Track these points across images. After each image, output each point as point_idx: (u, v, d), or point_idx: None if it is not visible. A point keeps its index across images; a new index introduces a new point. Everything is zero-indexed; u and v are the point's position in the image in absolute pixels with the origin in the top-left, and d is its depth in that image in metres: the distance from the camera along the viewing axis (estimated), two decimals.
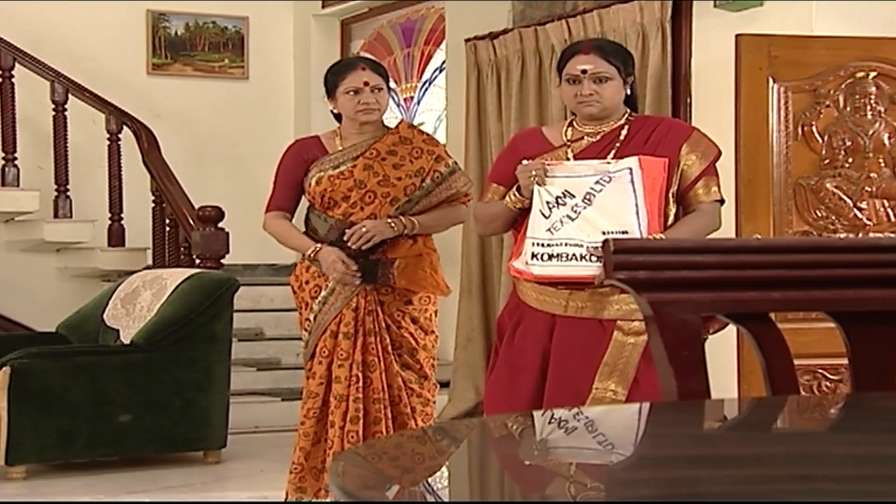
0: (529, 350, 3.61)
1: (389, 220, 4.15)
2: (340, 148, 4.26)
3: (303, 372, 4.34)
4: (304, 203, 4.36)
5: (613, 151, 3.61)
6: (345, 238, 4.13)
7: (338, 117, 4.32)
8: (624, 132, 3.65)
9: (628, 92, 3.69)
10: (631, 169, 3.51)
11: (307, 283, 4.22)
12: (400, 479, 1.40)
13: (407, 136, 4.29)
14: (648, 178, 3.51)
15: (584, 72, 3.63)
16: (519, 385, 3.60)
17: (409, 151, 4.24)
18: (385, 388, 4.18)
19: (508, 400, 3.61)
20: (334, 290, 4.17)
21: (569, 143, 3.68)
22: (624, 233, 3.47)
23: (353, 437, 4.11)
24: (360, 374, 4.16)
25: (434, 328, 4.32)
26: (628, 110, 3.72)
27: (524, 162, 3.62)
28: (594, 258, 3.45)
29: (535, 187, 3.56)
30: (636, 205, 3.49)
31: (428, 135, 4.45)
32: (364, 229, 4.11)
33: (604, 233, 3.46)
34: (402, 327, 4.22)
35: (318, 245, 4.17)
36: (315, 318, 4.20)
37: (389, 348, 4.20)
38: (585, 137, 3.68)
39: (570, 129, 3.72)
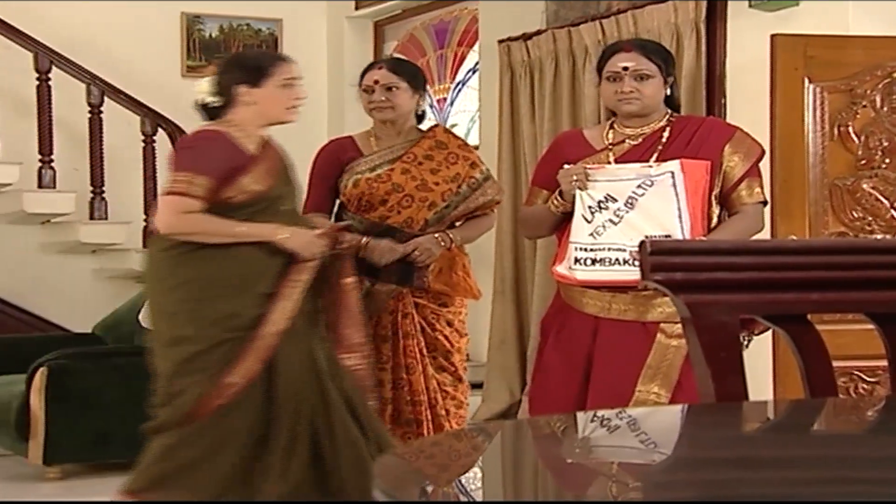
0: (573, 352, 3.61)
1: (437, 237, 4.16)
2: (376, 149, 4.26)
3: None
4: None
5: (655, 154, 3.60)
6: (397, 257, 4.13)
7: None
8: (665, 134, 3.64)
9: (668, 92, 3.68)
10: (673, 172, 3.50)
11: None
12: (437, 479, 1.40)
13: (443, 140, 4.29)
14: (691, 181, 3.50)
15: (625, 69, 3.63)
16: (563, 387, 3.60)
17: (445, 156, 4.24)
18: (424, 391, 4.19)
19: (552, 402, 3.62)
20: (369, 293, 4.17)
21: (610, 147, 3.67)
22: (667, 237, 3.45)
23: (409, 438, 4.12)
24: (406, 377, 4.17)
25: (466, 331, 4.33)
26: (669, 111, 3.71)
27: (566, 166, 3.62)
28: (636, 262, 3.44)
29: (577, 192, 3.56)
30: (679, 208, 3.48)
31: (463, 140, 4.45)
32: (417, 253, 4.11)
33: (646, 237, 3.44)
34: (436, 330, 4.22)
35: (364, 240, 4.17)
36: None
37: (424, 351, 4.21)
38: (627, 140, 3.67)
39: (611, 131, 3.71)
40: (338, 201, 4.31)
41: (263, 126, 3.91)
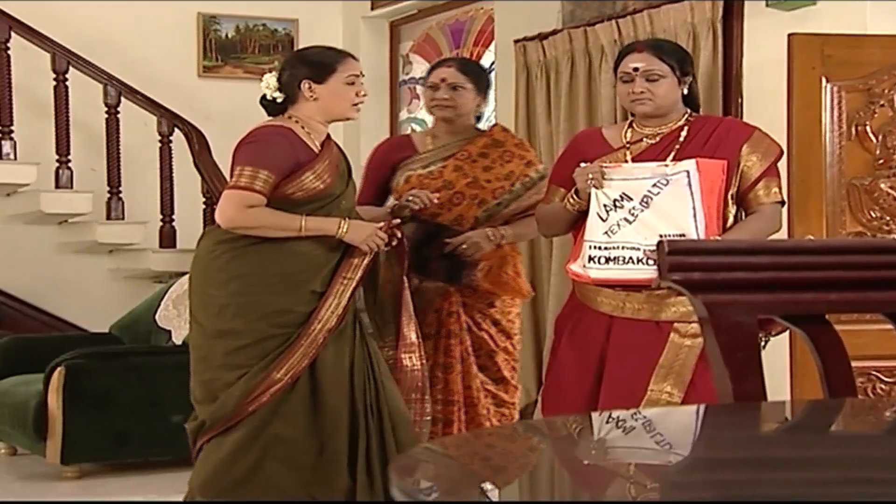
0: (586, 351, 3.61)
1: (488, 231, 4.15)
2: (431, 147, 4.28)
3: None
4: None
5: (672, 153, 3.59)
6: (445, 251, 4.13)
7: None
8: (683, 133, 3.63)
9: (685, 91, 3.67)
10: (688, 171, 3.49)
11: (390, 282, 4.24)
12: (456, 478, 1.40)
13: (500, 139, 4.29)
14: (706, 180, 3.49)
15: (636, 70, 3.63)
16: (575, 386, 3.61)
17: (500, 155, 4.24)
18: (461, 391, 4.18)
19: (565, 401, 3.62)
20: (417, 290, 4.18)
21: (628, 146, 3.67)
22: (681, 236, 3.45)
23: (432, 437, 4.12)
24: (442, 376, 4.17)
25: (517, 331, 4.29)
26: (688, 111, 3.70)
27: (582, 164, 3.62)
28: (651, 261, 3.44)
29: (593, 190, 3.56)
30: (693, 207, 3.48)
31: (521, 139, 4.45)
32: (465, 246, 4.10)
33: (661, 236, 3.43)
34: (482, 329, 4.20)
35: (394, 203, 4.21)
36: None
37: (470, 349, 4.19)
38: (644, 139, 3.67)
39: (629, 130, 3.71)
40: (391, 199, 4.34)
41: (326, 122, 3.92)
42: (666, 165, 3.54)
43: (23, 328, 6.92)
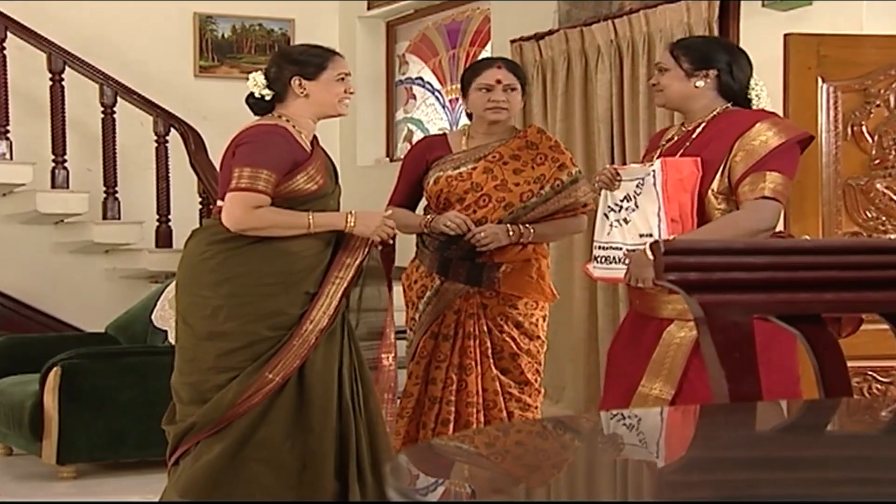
0: (615, 346, 3.75)
1: (507, 227, 4.12)
2: (464, 148, 4.24)
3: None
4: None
5: (682, 150, 3.59)
6: (462, 243, 4.11)
7: (470, 116, 4.33)
8: (699, 130, 3.60)
9: (698, 84, 3.60)
10: (654, 171, 3.50)
11: (416, 282, 4.24)
12: (451, 478, 1.40)
13: (534, 140, 4.24)
14: (674, 178, 3.47)
15: (655, 64, 3.77)
16: (609, 380, 3.71)
17: (532, 157, 4.19)
18: (480, 392, 4.17)
19: (604, 396, 3.73)
20: (438, 291, 4.17)
21: (664, 144, 3.71)
22: (649, 236, 3.49)
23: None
24: (456, 377, 4.16)
25: (540, 333, 4.26)
26: (727, 106, 3.65)
27: (606, 166, 3.71)
28: (628, 260, 3.52)
29: (603, 191, 3.63)
30: (659, 206, 3.48)
31: (556, 141, 4.34)
32: (482, 234, 4.08)
33: (640, 235, 3.53)
34: (503, 331, 4.18)
35: (429, 216, 4.20)
36: (419, 317, 4.21)
37: (489, 352, 4.17)
38: (675, 137, 3.69)
39: (674, 127, 3.78)
40: (423, 202, 4.35)
41: (316, 119, 3.91)
42: (649, 165, 3.56)
43: (19, 328, 6.92)
